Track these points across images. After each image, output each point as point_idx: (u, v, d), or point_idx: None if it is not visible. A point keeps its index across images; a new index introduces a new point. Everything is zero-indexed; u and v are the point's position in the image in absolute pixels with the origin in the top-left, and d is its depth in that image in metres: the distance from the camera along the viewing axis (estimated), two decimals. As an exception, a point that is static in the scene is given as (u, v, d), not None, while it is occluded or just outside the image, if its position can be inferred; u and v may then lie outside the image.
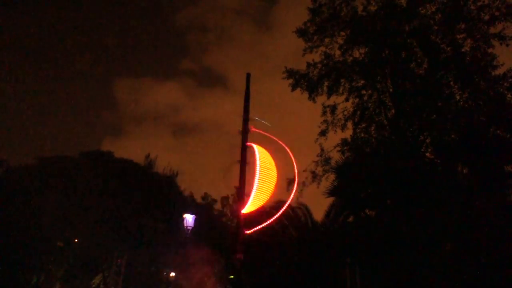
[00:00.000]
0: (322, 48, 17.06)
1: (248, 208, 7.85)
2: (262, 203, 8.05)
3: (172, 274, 33.15)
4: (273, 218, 8.49)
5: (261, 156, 8.04)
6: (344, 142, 16.30)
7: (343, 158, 15.63)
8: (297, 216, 15.81)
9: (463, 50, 14.78)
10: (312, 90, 17.05)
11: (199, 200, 42.15)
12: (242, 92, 8.79)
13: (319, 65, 16.99)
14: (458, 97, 14.81)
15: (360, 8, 16.57)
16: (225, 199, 42.07)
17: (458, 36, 14.95)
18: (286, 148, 8.33)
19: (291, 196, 9.56)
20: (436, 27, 15.29)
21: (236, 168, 8.02)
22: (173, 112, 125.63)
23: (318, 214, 15.97)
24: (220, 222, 38.81)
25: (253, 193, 7.77)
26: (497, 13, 14.27)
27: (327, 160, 16.44)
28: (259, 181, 7.77)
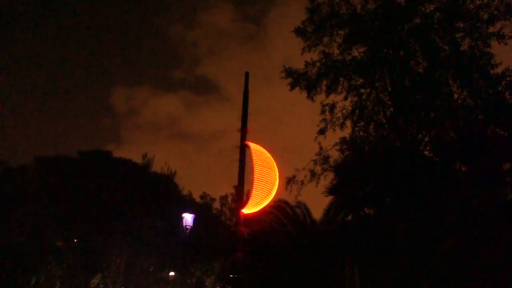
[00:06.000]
0: (321, 47, 17.08)
1: (248, 209, 7.69)
2: (263, 204, 7.83)
3: (172, 273, 33.13)
4: None
5: (257, 156, 7.84)
6: (343, 140, 16.33)
7: (342, 156, 15.59)
8: (296, 215, 15.80)
9: (461, 48, 14.78)
10: (311, 89, 17.05)
11: (197, 199, 42.26)
12: (237, 100, 8.80)
13: (318, 64, 16.99)
14: (456, 96, 14.83)
15: (359, 6, 16.60)
16: (224, 198, 42.22)
17: (457, 35, 14.96)
18: None
19: None
20: (435, 26, 15.29)
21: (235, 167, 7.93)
22: (171, 120, 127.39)
23: (317, 213, 15.96)
24: (219, 221, 38.86)
25: (252, 194, 7.61)
26: (496, 12, 14.27)
27: (325, 159, 16.45)
28: (256, 182, 7.64)
